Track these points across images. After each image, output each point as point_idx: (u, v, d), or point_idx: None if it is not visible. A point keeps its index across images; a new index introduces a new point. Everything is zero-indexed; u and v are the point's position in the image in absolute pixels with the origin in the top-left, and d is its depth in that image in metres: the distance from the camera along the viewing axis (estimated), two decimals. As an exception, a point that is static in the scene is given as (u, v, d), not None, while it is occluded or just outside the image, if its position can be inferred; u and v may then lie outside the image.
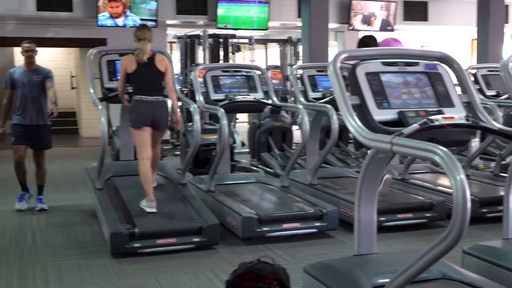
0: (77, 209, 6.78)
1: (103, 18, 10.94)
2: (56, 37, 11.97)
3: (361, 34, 13.20)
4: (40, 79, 6.47)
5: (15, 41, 12.64)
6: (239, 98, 6.70)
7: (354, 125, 2.89)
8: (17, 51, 13.96)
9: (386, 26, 12.93)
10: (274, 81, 11.50)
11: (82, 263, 4.86)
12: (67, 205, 6.97)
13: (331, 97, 7.23)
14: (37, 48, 6.65)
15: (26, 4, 10.74)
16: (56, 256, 5.05)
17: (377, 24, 12.83)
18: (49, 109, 6.46)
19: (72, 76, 14.79)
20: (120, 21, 11.03)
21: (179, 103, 5.95)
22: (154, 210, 5.39)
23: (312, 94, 7.54)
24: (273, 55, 15.84)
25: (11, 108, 6.57)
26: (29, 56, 6.47)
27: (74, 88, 14.76)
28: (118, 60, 6.34)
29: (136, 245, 4.96)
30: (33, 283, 4.41)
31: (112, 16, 10.99)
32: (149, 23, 10.84)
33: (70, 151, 11.89)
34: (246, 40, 13.22)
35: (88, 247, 5.32)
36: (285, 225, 5.45)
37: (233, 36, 12.40)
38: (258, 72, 7.31)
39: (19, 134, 6.44)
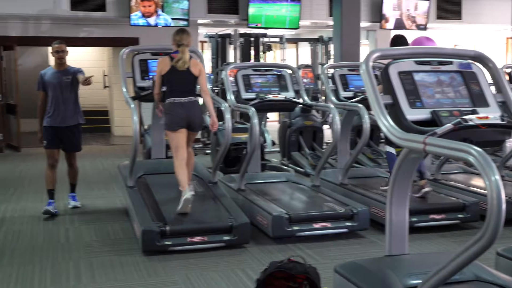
0: (109, 207, 6.86)
1: (136, 17, 11.05)
2: (89, 37, 12.12)
3: (393, 33, 13.07)
4: (69, 79, 6.37)
5: (50, 41, 12.82)
6: (270, 97, 6.70)
7: (387, 124, 2.86)
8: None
9: (419, 25, 12.81)
10: (305, 80, 11.46)
11: (114, 260, 4.92)
12: (99, 203, 7.06)
13: (362, 96, 7.19)
14: (71, 48, 6.70)
15: (60, 4, 10.90)
16: (89, 253, 5.11)
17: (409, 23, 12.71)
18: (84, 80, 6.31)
19: (105, 75, 14.95)
20: (152, 21, 11.12)
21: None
22: (192, 192, 5.40)
23: (343, 93, 7.49)
24: (304, 54, 15.79)
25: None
26: (60, 56, 6.38)
27: (107, 87, 14.93)
28: (150, 59, 6.41)
29: (167, 243, 5.00)
30: (66, 279, 4.48)
31: (145, 16, 11.08)
32: (181, 22, 10.95)
33: (102, 149, 12.03)
34: (277, 39, 13.21)
35: (120, 245, 5.38)
36: (316, 225, 5.44)
37: (264, 35, 12.40)
38: (289, 71, 7.30)
39: (51, 137, 6.35)
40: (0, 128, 11.53)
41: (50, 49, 6.50)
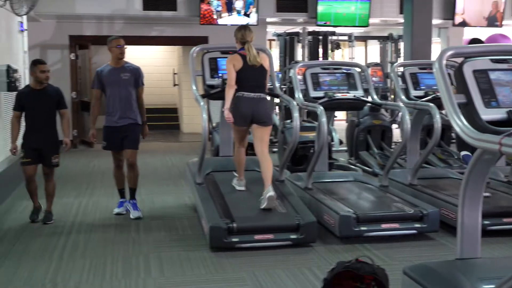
0: (178, 203, 6.98)
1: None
2: (160, 36, 12.37)
3: (465, 31, 12.75)
4: (128, 77, 6.16)
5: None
6: (339, 95, 6.65)
7: (460, 124, 2.79)
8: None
9: (493, 22, 12.40)
10: (374, 78, 11.29)
11: (182, 255, 5.00)
12: (168, 199, 7.19)
13: (434, 95, 7.03)
14: (142, 47, 6.83)
15: (133, 4, 11.18)
16: (158, 248, 5.22)
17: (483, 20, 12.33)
18: (143, 134, 6.31)
19: (175, 74, 15.22)
20: (222, 20, 11.23)
21: (277, 100, 6.00)
22: (243, 188, 5.82)
23: (414, 92, 7.34)
24: (373, 52, 15.59)
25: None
26: (122, 52, 6.15)
27: (176, 85, 15.19)
28: (219, 57, 6.46)
29: (234, 239, 5.04)
30: (136, 273, 4.59)
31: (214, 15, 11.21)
32: (248, 20, 11.00)
33: (172, 146, 12.25)
34: (345, 37, 13.09)
35: (188, 240, 5.47)
36: (384, 225, 5.36)
37: (333, 33, 12.31)
38: (358, 70, 7.22)
39: (110, 138, 6.17)
40: (75, 125, 11.92)
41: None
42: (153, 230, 5.79)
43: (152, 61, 15.48)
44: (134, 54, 13.82)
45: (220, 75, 6.33)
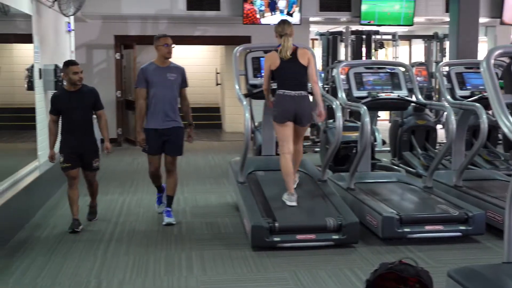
0: (220, 201, 7.02)
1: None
2: (203, 35, 12.46)
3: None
4: (174, 78, 5.87)
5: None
6: (382, 95, 6.58)
7: (508, 125, 2.72)
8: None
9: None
10: (418, 78, 11.14)
11: (224, 253, 5.02)
12: (210, 197, 7.24)
13: (480, 95, 6.90)
14: (185, 46, 6.82)
15: (177, 4, 11.28)
16: (200, 246, 5.25)
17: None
18: (188, 138, 6.02)
19: (217, 73, 15.31)
20: (265, 20, 11.24)
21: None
22: (294, 203, 5.50)
23: (459, 92, 7.20)
24: (418, 51, 15.37)
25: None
26: (170, 51, 5.89)
27: (219, 84, 15.27)
28: (262, 57, 6.46)
29: (276, 239, 5.04)
30: (179, 270, 4.63)
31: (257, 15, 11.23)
32: (290, 19, 10.98)
33: (214, 145, 12.33)
34: (389, 37, 12.95)
35: (230, 239, 5.49)
36: (428, 227, 5.28)
37: (377, 33, 12.20)
38: (403, 69, 7.13)
39: (152, 141, 5.85)
40: (119, 123, 12.12)
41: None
42: (195, 229, 5.83)
43: (195, 60, 15.60)
44: (177, 54, 13.94)
45: (263, 74, 6.34)
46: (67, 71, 5.68)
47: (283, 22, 5.64)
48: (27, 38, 7.13)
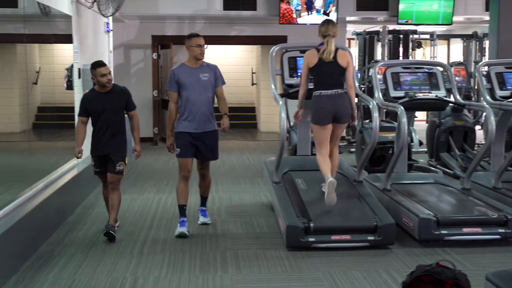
0: (255, 201, 7.03)
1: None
2: (239, 35, 12.49)
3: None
4: (207, 77, 5.56)
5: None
6: (420, 95, 6.51)
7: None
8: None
9: None
10: (457, 78, 10.98)
11: (259, 253, 5.03)
12: (245, 197, 7.25)
13: (520, 96, 6.77)
14: (222, 46, 6.78)
15: (214, 4, 11.34)
16: (235, 245, 5.27)
17: None
18: (223, 126, 5.56)
19: (253, 73, 15.33)
20: (301, 19, 11.22)
21: (356, 100, 5.89)
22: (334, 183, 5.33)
23: (499, 92, 7.06)
24: (456, 51, 15.15)
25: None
26: (203, 52, 5.56)
27: (254, 84, 15.29)
28: (299, 57, 6.45)
29: (311, 239, 5.03)
30: (214, 269, 4.65)
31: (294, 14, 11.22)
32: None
33: (249, 145, 12.35)
34: (427, 36, 12.79)
35: (265, 238, 5.49)
36: (465, 229, 5.20)
37: (414, 32, 12.05)
38: (441, 69, 7.03)
39: (185, 145, 5.53)
40: (156, 122, 12.24)
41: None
42: (230, 228, 5.85)
43: (230, 60, 15.66)
44: (213, 54, 14.03)
45: (299, 74, 6.32)
46: (95, 73, 5.41)
47: (328, 22, 5.56)
48: (67, 39, 7.26)
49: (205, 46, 5.58)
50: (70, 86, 7.28)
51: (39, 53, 7.03)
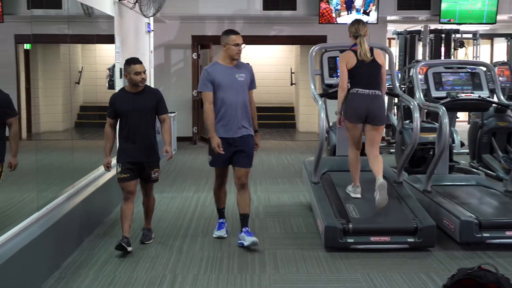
0: (293, 201, 7.02)
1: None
2: (279, 35, 12.49)
3: None
4: (244, 78, 5.18)
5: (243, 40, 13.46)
6: (462, 96, 6.40)
7: None
8: (244, 49, 14.81)
9: None
10: (501, 78, 10.76)
11: (297, 253, 5.02)
12: (283, 197, 7.25)
13: None
14: (261, 46, 6.70)
15: (254, 4, 11.36)
16: (273, 245, 5.27)
17: None
18: (257, 144, 5.32)
19: (292, 73, 15.30)
20: (341, 19, 11.15)
21: (395, 100, 5.87)
22: (358, 195, 5.62)
23: (544, 93, 6.92)
24: (500, 50, 14.85)
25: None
26: (240, 52, 5.16)
27: (293, 84, 15.27)
28: (338, 56, 6.41)
29: (350, 240, 5.00)
30: (252, 268, 4.66)
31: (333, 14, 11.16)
32: (367, 18, 10.85)
33: (287, 145, 12.33)
34: (470, 35, 12.57)
35: (303, 239, 5.48)
36: (508, 233, 5.11)
37: (457, 31, 11.86)
38: (484, 69, 6.91)
39: (219, 152, 5.11)
40: (195, 122, 12.33)
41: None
42: (268, 227, 5.86)
43: (269, 60, 15.67)
44: (252, 54, 14.05)
45: (339, 74, 6.28)
46: (129, 70, 5.04)
47: (357, 22, 5.54)
48: (109, 39, 7.37)
49: (243, 45, 5.22)
50: (111, 85, 7.38)
51: (81, 53, 7.15)
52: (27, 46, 5.66)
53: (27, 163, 4.96)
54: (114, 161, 5.24)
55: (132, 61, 5.07)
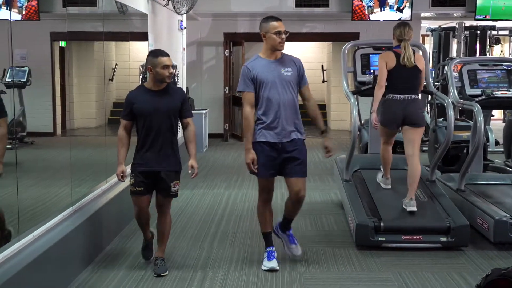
0: (324, 199, 7.00)
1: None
2: (311, 32, 12.45)
3: None
4: (291, 73, 4.48)
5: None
6: (498, 93, 6.30)
7: None
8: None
9: None
10: (537, 76, 10.55)
11: (328, 251, 5.01)
12: (314, 194, 7.23)
13: None
14: (293, 43, 6.65)
15: (286, 1, 11.36)
16: (304, 242, 5.23)
17: None
18: (328, 153, 4.61)
19: (324, 70, 15.24)
20: (374, 16, 11.07)
21: (429, 98, 5.79)
22: (388, 186, 5.70)
23: None
24: (537, 47, 14.55)
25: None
26: (282, 41, 4.50)
27: (325, 81, 15.20)
28: (372, 53, 6.37)
29: (381, 238, 4.97)
30: (283, 265, 4.64)
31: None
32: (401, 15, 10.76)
33: (319, 142, 12.22)
34: (506, 32, 12.34)
35: (334, 236, 5.47)
36: (544, 233, 5.01)
37: (493, 28, 11.66)
38: (520, 66, 6.79)
39: (267, 159, 4.43)
40: (226, 119, 12.37)
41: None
42: (299, 225, 5.85)
43: (302, 57, 15.42)
44: (284, 51, 14.02)
45: (371, 71, 6.24)
46: (155, 63, 4.34)
47: (404, 25, 5.37)
48: (142, 36, 7.44)
49: (287, 32, 4.52)
50: (143, 82, 7.45)
51: (115, 51, 7.23)
52: (62, 43, 5.74)
53: (62, 158, 5.05)
54: (129, 169, 4.57)
55: (160, 53, 4.40)
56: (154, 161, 4.38)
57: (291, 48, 14.83)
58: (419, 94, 5.45)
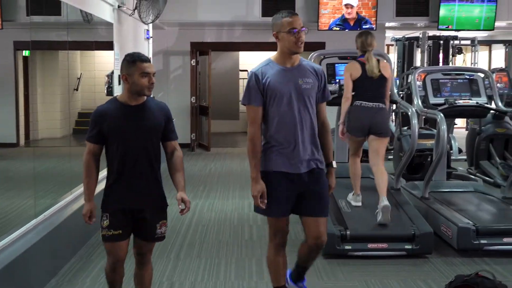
0: (291, 208, 7.00)
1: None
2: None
3: None
4: (310, 85, 3.51)
5: (241, 46, 13.46)
6: (460, 102, 6.42)
7: None
8: (243, 55, 14.84)
9: None
10: (499, 85, 10.77)
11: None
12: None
13: None
14: (260, 53, 6.67)
15: (252, 11, 11.39)
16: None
17: None
18: (331, 186, 3.69)
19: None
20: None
21: (394, 107, 5.86)
22: (359, 204, 5.63)
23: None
24: (498, 57, 14.89)
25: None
26: (300, 40, 3.56)
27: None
28: (337, 63, 6.43)
29: (347, 247, 5.00)
30: (249, 276, 4.66)
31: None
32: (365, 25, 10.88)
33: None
34: (468, 42, 12.60)
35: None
36: (506, 239, 5.12)
37: (455, 38, 11.89)
38: (482, 75, 6.93)
39: (279, 193, 3.55)
40: (193, 129, 12.33)
41: (242, 54, 4.45)
42: (266, 234, 5.80)
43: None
44: (250, 60, 14.07)
45: (337, 80, 6.30)
46: (131, 69, 3.30)
47: (365, 34, 5.41)
48: (108, 45, 7.38)
49: (305, 30, 3.61)
50: (110, 92, 7.40)
51: (80, 60, 7.16)
52: (26, 52, 5.67)
53: (25, 169, 4.98)
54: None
55: (138, 57, 3.33)
56: (133, 196, 3.40)
57: (257, 57, 14.88)
58: (387, 104, 5.46)
